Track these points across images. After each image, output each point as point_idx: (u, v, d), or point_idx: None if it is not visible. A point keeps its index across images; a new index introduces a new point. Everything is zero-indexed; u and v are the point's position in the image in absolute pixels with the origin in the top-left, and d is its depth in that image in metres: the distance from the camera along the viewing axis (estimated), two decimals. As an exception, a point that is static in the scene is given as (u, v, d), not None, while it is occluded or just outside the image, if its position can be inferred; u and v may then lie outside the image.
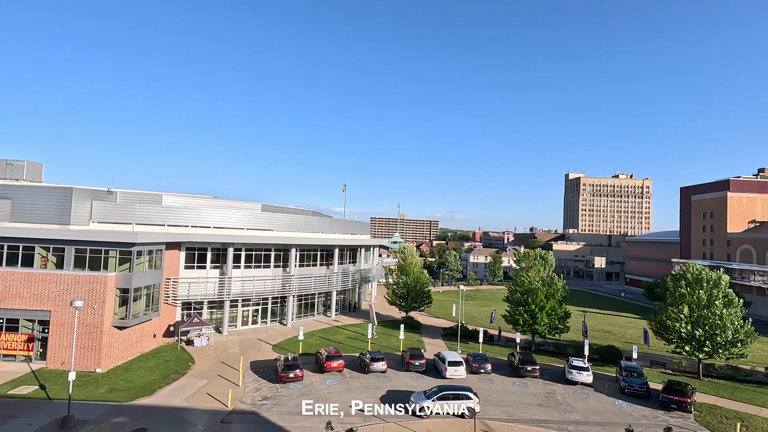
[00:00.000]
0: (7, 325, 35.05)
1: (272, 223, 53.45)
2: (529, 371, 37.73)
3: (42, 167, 49.26)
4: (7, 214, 39.47)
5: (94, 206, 42.05)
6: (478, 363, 38.48)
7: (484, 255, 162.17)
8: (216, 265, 47.74)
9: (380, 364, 36.96)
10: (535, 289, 46.25)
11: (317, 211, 72.63)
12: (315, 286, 55.63)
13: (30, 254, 35.81)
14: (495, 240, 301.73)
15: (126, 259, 36.34)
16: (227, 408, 28.43)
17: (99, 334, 34.39)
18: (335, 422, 26.69)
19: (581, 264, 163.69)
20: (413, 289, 57.05)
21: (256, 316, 51.80)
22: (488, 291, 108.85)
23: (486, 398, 32.02)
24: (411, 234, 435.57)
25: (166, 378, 33.35)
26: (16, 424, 24.98)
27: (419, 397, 29.66)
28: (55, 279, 34.84)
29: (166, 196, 48.72)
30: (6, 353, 34.95)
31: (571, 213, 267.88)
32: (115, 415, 26.79)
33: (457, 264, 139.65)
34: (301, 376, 33.80)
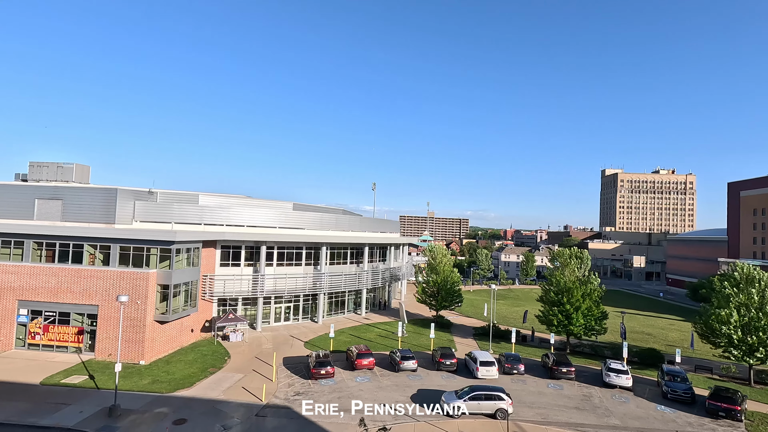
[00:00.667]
0: (60, 318, 37.37)
1: (303, 221, 54.36)
2: (564, 373, 36.67)
3: (89, 169, 52.03)
4: (58, 213, 42.02)
5: (136, 206, 44.11)
6: (510, 363, 37.77)
7: (516, 254, 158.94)
8: (250, 262, 49.06)
9: (411, 363, 36.91)
10: (570, 288, 44.87)
11: (347, 210, 73.26)
12: (345, 284, 56.18)
13: (79, 252, 37.96)
14: (527, 238, 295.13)
15: (166, 257, 37.92)
16: (262, 402, 29.18)
17: (142, 328, 36.09)
18: (367, 420, 26.89)
19: (619, 263, 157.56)
20: (443, 288, 56.62)
21: (288, 313, 52.88)
22: (520, 290, 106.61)
23: (519, 399, 31.37)
24: (440, 232, 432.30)
25: (204, 371, 34.60)
26: (68, 411, 26.60)
27: (450, 397, 29.43)
28: (102, 275, 36.81)
29: (203, 196, 50.46)
30: (59, 344, 37.27)
31: (607, 210, 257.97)
32: (158, 405, 28.04)
33: (488, 263, 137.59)
34: (332, 373, 34.24)
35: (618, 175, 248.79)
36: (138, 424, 25.30)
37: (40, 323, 37.39)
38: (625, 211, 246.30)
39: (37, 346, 37.34)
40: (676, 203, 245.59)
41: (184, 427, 25.22)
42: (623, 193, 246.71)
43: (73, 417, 25.86)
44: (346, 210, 72.69)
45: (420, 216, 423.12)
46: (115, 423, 25.34)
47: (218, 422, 26.10)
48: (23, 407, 26.70)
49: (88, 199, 42.36)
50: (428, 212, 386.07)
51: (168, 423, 25.52)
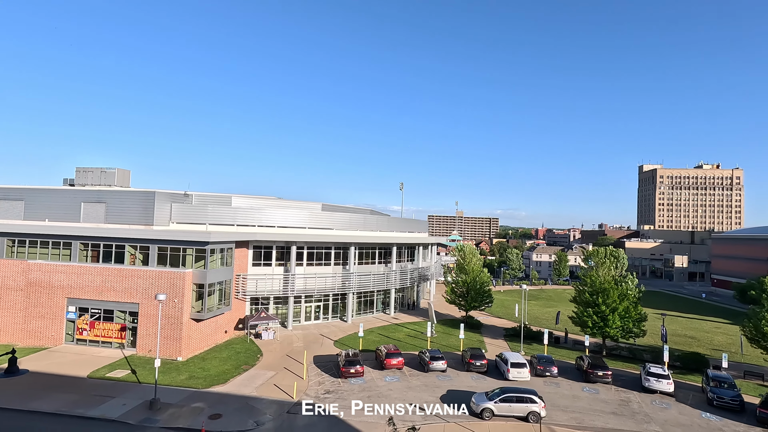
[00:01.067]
0: (105, 315, 39.39)
1: (332, 222, 54.99)
2: (600, 376, 35.42)
3: (130, 173, 54.65)
4: (102, 216, 44.33)
5: (173, 208, 45.91)
6: (543, 365, 36.85)
7: (548, 253, 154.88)
8: (280, 262, 50.09)
9: (440, 363, 36.65)
10: (605, 289, 43.30)
11: (375, 210, 73.56)
12: (374, 284, 56.43)
13: (121, 252, 39.87)
14: (560, 238, 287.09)
15: (201, 257, 39.26)
16: (293, 399, 29.73)
17: (179, 326, 37.52)
18: (396, 419, 26.89)
19: (659, 263, 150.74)
20: (473, 288, 55.89)
21: (318, 312, 53.65)
22: (553, 291, 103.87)
23: (552, 403, 30.56)
24: (470, 232, 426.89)
25: (238, 368, 35.60)
26: (112, 403, 28.02)
27: (481, 398, 29.02)
28: (142, 274, 38.53)
29: (235, 198, 51.95)
30: (104, 340, 39.29)
31: (646, 208, 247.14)
32: (195, 400, 29.08)
33: (519, 262, 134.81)
34: (361, 372, 34.47)
35: (657, 171, 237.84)
36: (176, 418, 26.32)
37: (86, 320, 39.54)
38: (665, 209, 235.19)
39: (84, 341, 39.49)
40: (722, 199, 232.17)
41: (219, 422, 26.03)
42: (663, 190, 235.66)
43: (117, 409, 27.21)
44: (374, 210, 73.01)
45: (448, 215, 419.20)
46: (156, 416, 26.47)
47: (251, 418, 26.79)
48: (72, 399, 28.33)
49: (128, 202, 44.46)
50: (457, 212, 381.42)
51: (204, 417, 26.41)
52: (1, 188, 47.47)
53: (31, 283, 39.86)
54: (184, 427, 25.27)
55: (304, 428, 25.95)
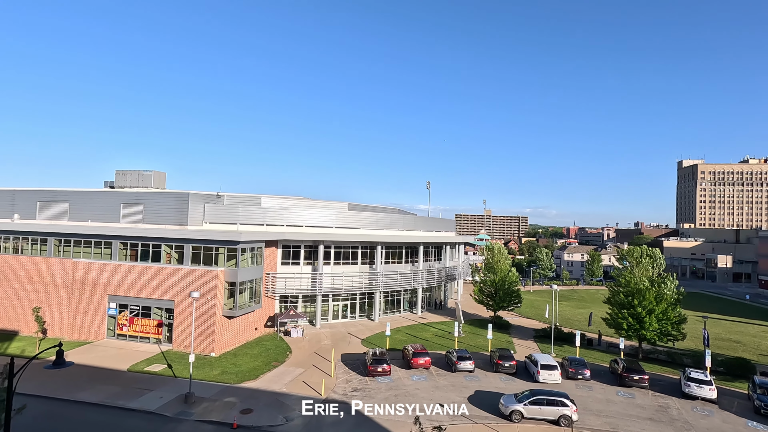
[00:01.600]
0: (143, 312, 41.16)
1: (358, 221, 55.36)
2: (636, 380, 34.09)
3: (165, 176, 56.87)
4: (140, 216, 46.33)
5: (206, 209, 47.44)
6: (575, 368, 35.81)
7: (580, 253, 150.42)
8: (308, 261, 50.86)
9: (467, 363, 36.27)
10: (642, 289, 41.65)
11: (401, 209, 73.50)
12: (401, 283, 56.44)
13: (158, 251, 41.53)
14: (593, 237, 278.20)
15: (232, 256, 40.38)
16: (321, 396, 30.14)
17: (212, 323, 38.75)
18: (423, 419, 26.80)
19: (700, 263, 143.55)
20: (501, 288, 54.98)
21: (345, 311, 54.15)
22: (585, 291, 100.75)
23: (584, 406, 29.69)
24: (498, 231, 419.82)
25: (268, 365, 36.43)
26: (150, 396, 29.26)
27: (510, 400, 28.53)
28: (177, 273, 40.02)
29: (265, 198, 53.14)
30: (142, 335, 41.07)
31: (685, 205, 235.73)
32: (227, 395, 29.98)
33: (549, 262, 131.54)
34: (388, 370, 34.56)
35: (698, 167, 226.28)
36: (210, 411, 27.21)
37: (126, 316, 41.43)
38: (706, 206, 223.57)
39: (124, 336, 41.41)
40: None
41: (251, 417, 26.73)
42: (704, 186, 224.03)
43: (154, 402, 28.40)
44: (400, 209, 72.97)
45: (476, 214, 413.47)
46: (190, 409, 27.46)
47: (281, 414, 27.36)
48: (114, 391, 29.78)
49: (164, 203, 46.26)
50: (485, 210, 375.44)
51: (236, 412, 27.18)
52: (50, 191, 50.40)
53: (76, 280, 42.15)
54: (217, 420, 26.09)
55: (332, 425, 26.27)
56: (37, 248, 44.31)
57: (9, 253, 44.86)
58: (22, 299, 43.23)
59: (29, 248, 44.57)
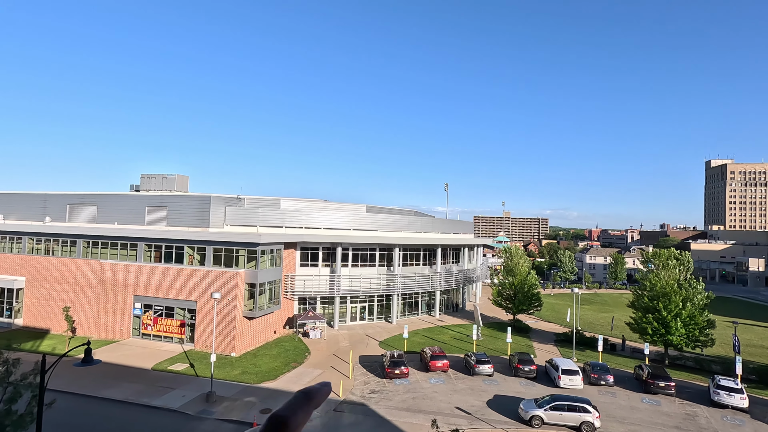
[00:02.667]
0: (166, 312, 42.21)
1: (376, 223, 55.49)
2: (662, 387, 33.07)
3: (188, 179, 58.19)
4: (164, 219, 47.55)
5: (227, 211, 48.35)
6: (597, 373, 35.00)
7: (603, 255, 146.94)
8: (327, 263, 51.24)
9: (486, 367, 35.88)
10: (668, 293, 40.43)
11: (419, 211, 73.32)
12: (418, 286, 56.26)
13: (180, 253, 42.54)
14: (616, 239, 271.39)
15: (252, 257, 41.03)
16: (339, 398, 30.31)
17: (233, 323, 39.43)
18: (441, 422, 26.66)
19: (730, 266, 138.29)
20: (520, 291, 54.17)
21: (363, 313, 54.30)
22: (608, 295, 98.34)
23: (607, 413, 28.98)
24: (517, 233, 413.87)
25: (287, 365, 36.83)
26: (173, 394, 29.97)
27: (530, 405, 28.08)
28: (199, 274, 40.91)
29: (284, 201, 53.83)
30: (165, 335, 42.10)
31: (714, 206, 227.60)
32: (247, 394, 30.45)
33: (571, 265, 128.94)
34: (406, 373, 34.48)
35: (727, 167, 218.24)
36: (230, 410, 27.69)
37: (150, 316, 42.55)
38: (736, 207, 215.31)
39: (148, 335, 42.51)
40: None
41: (270, 417, 27.03)
42: (734, 187, 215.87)
43: (177, 400, 29.07)
44: (418, 211, 72.81)
45: (495, 216, 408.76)
46: (212, 408, 27.99)
47: (300, 414, 27.58)
48: (138, 388, 30.62)
49: (187, 206, 47.36)
50: (504, 212, 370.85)
51: (256, 412, 27.58)
52: (79, 194, 52.24)
53: (103, 281, 43.54)
54: (238, 419, 26.52)
55: (350, 426, 26.37)
56: (67, 250, 45.99)
57: (41, 254, 46.71)
58: (53, 299, 44.93)
59: (59, 250, 46.31)
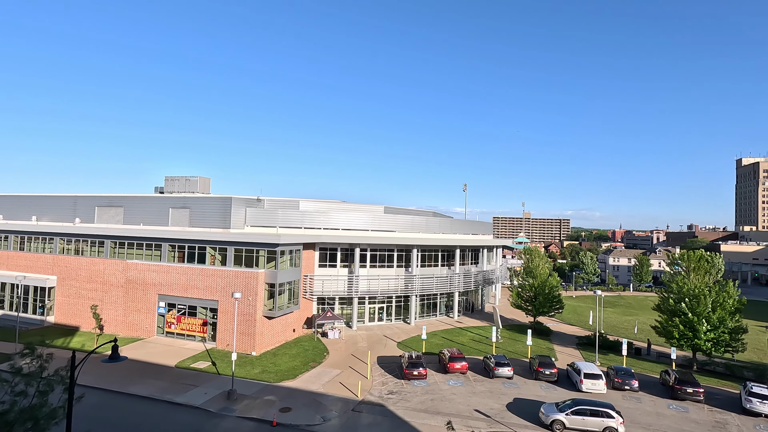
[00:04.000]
0: (189, 311, 43.20)
1: (394, 224, 55.52)
2: (690, 393, 31.99)
3: (210, 181, 59.46)
4: (186, 220, 48.72)
5: (247, 212, 49.20)
6: (621, 378, 34.11)
7: (627, 257, 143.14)
8: (345, 264, 51.54)
9: (506, 370, 35.43)
10: (696, 296, 39.11)
11: (437, 212, 72.99)
12: (437, 287, 56.00)
13: (203, 253, 43.48)
14: (640, 240, 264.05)
15: (272, 258, 41.60)
16: (357, 398, 30.41)
17: (253, 322, 40.06)
18: (460, 424, 26.48)
19: (763, 269, 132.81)
20: (541, 293, 53.28)
21: (381, 314, 54.37)
22: (633, 298, 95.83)
23: (632, 419, 28.21)
24: (538, 234, 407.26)
25: (306, 365, 37.19)
26: (196, 392, 30.64)
27: (551, 409, 27.58)
28: (220, 274, 41.73)
29: (303, 202, 54.43)
30: (188, 333, 43.08)
31: (746, 206, 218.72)
32: (267, 393, 30.87)
33: (593, 266, 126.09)
34: (424, 374, 34.35)
35: (760, 165, 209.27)
36: (251, 409, 28.12)
37: (174, 314, 43.62)
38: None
39: (172, 334, 43.58)
40: None
41: (289, 415, 27.37)
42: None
43: (199, 397, 29.71)
44: (436, 212, 72.50)
45: (515, 217, 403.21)
46: (233, 406, 28.50)
47: (318, 413, 27.85)
48: (162, 385, 31.42)
49: (209, 207, 48.39)
50: (524, 213, 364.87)
51: (275, 410, 27.94)
52: (106, 196, 54.03)
53: (129, 280, 44.89)
54: (258, 418, 26.91)
55: (368, 427, 26.43)
56: (96, 250, 47.61)
57: (71, 254, 48.50)
58: (82, 297, 46.59)
59: (88, 250, 47.97)
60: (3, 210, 58.27)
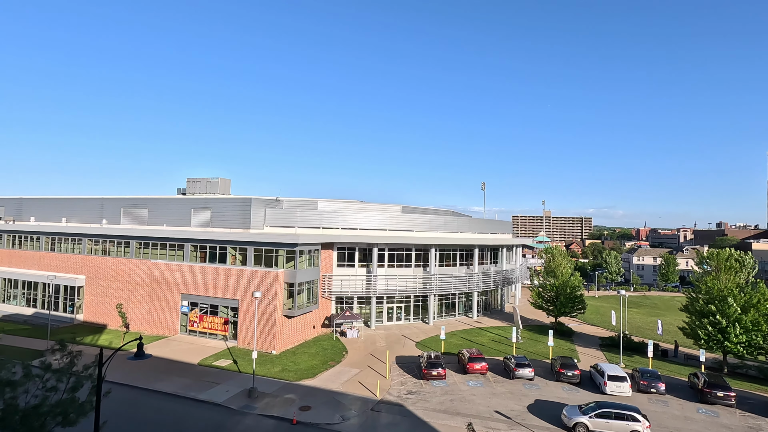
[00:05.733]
0: (211, 310, 44.04)
1: (412, 223, 55.37)
2: (720, 397, 30.88)
3: (230, 182, 60.48)
4: (208, 221, 49.68)
5: (266, 213, 49.84)
6: (647, 381, 33.17)
7: (652, 256, 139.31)
8: (363, 263, 51.67)
9: (527, 371, 34.89)
10: (726, 297, 37.71)
11: (455, 211, 72.44)
12: (455, 286, 55.59)
13: (224, 253, 44.25)
14: (666, 238, 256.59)
15: (291, 258, 42.03)
16: (376, 398, 30.44)
17: (273, 321, 40.56)
18: (480, 426, 26.20)
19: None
20: (562, 293, 52.28)
21: (399, 313, 54.30)
22: (659, 298, 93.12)
23: (659, 423, 27.39)
24: (558, 233, 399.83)
25: (325, 364, 37.44)
26: (218, 389, 31.20)
27: (573, 412, 27.02)
28: (241, 274, 42.39)
29: (321, 202, 54.82)
30: (210, 332, 43.92)
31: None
32: (287, 391, 31.20)
33: (617, 266, 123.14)
34: (443, 374, 34.13)
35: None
36: (271, 407, 28.47)
37: (196, 313, 44.54)
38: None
39: (195, 332, 44.51)
40: None
41: (309, 414, 27.59)
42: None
43: (221, 395, 30.25)
44: (454, 211, 71.96)
45: (535, 216, 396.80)
46: (253, 403, 28.91)
47: (338, 412, 27.99)
48: (185, 382, 32.12)
49: (229, 208, 49.23)
50: (544, 211, 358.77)
51: (295, 408, 28.21)
52: (131, 198, 55.58)
53: (154, 279, 46.05)
54: (278, 416, 27.22)
55: (387, 427, 26.41)
56: (122, 250, 49.02)
57: (98, 254, 50.07)
58: (109, 296, 48.05)
59: (115, 250, 49.43)
60: (35, 212, 60.61)
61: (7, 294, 53.66)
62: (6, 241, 56.55)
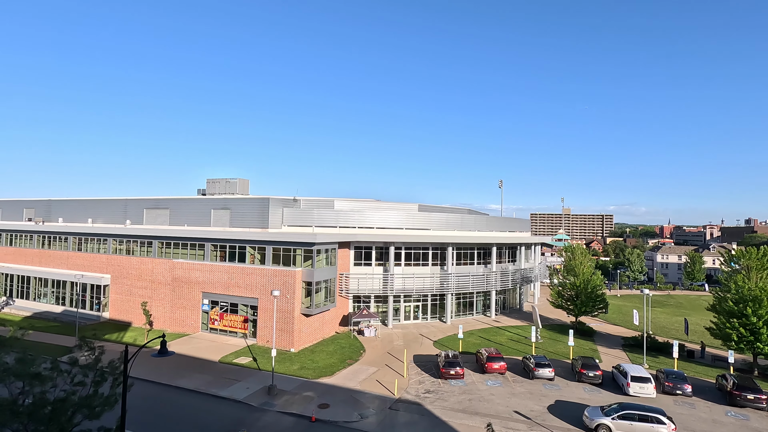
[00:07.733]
0: (231, 308, 44.78)
1: (428, 222, 55.12)
2: (751, 400, 29.80)
3: (248, 182, 61.37)
4: (227, 220, 50.51)
5: (284, 212, 50.38)
6: (672, 382, 32.24)
7: (677, 254, 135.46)
8: (380, 262, 51.72)
9: (546, 371, 34.34)
10: (757, 297, 36.36)
11: (472, 209, 71.82)
12: (473, 285, 55.12)
13: (243, 252, 44.92)
14: (692, 236, 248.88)
15: (308, 257, 42.39)
16: (394, 396, 30.44)
17: (291, 320, 40.98)
18: (499, 426, 25.92)
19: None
20: (583, 292, 51.26)
21: (417, 312, 54.16)
22: (684, 297, 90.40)
23: (685, 426, 26.61)
24: (578, 230, 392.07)
25: (343, 362, 37.63)
26: (238, 386, 31.71)
27: (595, 413, 26.48)
28: (260, 272, 42.96)
29: (337, 201, 55.10)
30: (230, 330, 44.66)
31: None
32: (305, 389, 31.49)
33: (640, 264, 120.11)
34: (462, 374, 33.90)
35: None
36: (290, 404, 28.78)
37: (217, 311, 45.35)
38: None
39: (215, 330, 45.33)
40: None
41: (327, 412, 27.79)
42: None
43: (241, 392, 30.73)
44: (471, 209, 71.35)
45: (554, 213, 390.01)
46: (273, 401, 29.27)
47: (356, 410, 28.10)
48: (207, 379, 32.75)
49: (248, 208, 49.94)
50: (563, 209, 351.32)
51: (314, 406, 28.45)
52: (154, 199, 56.94)
53: (176, 278, 47.08)
54: (297, 413, 27.49)
55: (405, 426, 26.38)
56: (145, 250, 50.27)
57: (123, 254, 51.48)
58: (133, 295, 49.35)
59: (138, 250, 50.74)
60: (63, 213, 62.70)
61: (38, 292, 55.68)
62: (37, 242, 58.69)
